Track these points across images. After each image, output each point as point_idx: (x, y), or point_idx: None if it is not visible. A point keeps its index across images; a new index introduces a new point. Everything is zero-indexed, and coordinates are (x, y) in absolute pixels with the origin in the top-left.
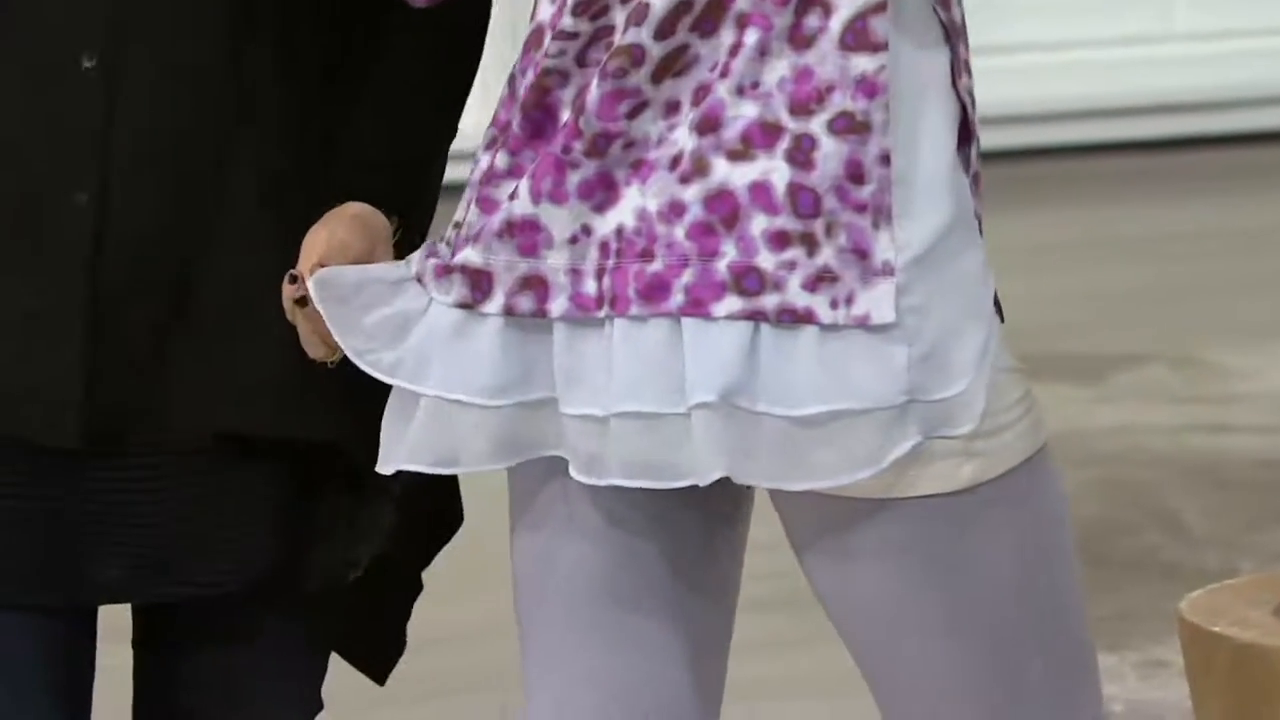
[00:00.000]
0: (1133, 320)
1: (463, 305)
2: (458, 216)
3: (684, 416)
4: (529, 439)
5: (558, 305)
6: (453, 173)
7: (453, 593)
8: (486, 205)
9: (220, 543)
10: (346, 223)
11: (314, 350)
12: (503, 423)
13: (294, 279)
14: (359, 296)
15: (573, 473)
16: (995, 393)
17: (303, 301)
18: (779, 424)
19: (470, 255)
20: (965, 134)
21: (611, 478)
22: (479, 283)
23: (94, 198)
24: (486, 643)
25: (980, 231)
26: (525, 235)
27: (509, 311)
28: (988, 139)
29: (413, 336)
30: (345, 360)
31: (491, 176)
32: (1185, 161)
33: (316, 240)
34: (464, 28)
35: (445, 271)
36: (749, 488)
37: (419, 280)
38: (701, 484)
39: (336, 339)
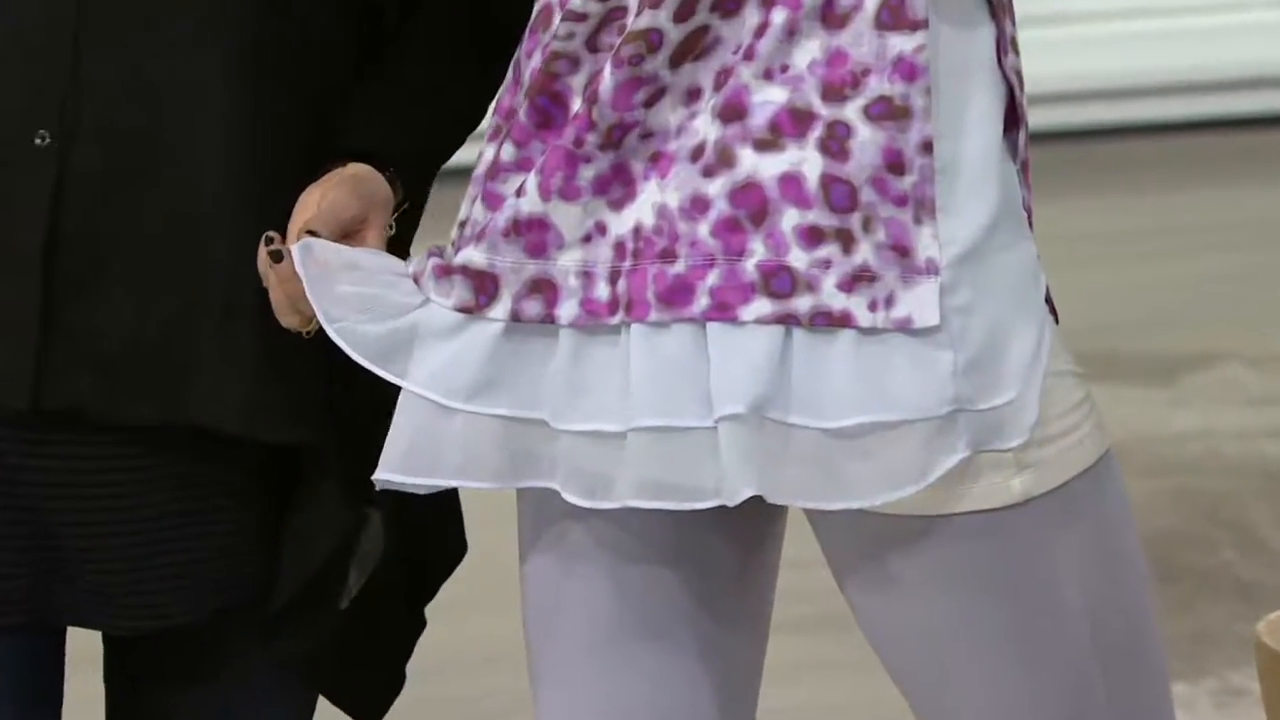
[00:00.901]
0: (1206, 315)
1: (464, 309)
2: (462, 215)
3: (710, 430)
4: (516, 463)
5: (566, 310)
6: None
7: (455, 616)
8: (492, 201)
9: (192, 565)
10: (343, 183)
11: (286, 317)
12: (485, 435)
13: (270, 239)
14: (346, 273)
15: (570, 498)
16: (1049, 399)
17: (277, 256)
18: (813, 437)
19: (473, 255)
20: (1012, 118)
21: (622, 499)
22: (483, 285)
23: (55, 140)
24: (492, 670)
25: (1030, 225)
26: (533, 234)
27: (516, 317)
28: (1041, 117)
29: (399, 321)
30: (326, 354)
31: (497, 170)
32: (1262, 141)
33: (308, 201)
34: (504, 9)
35: (445, 272)
36: (782, 507)
37: (415, 280)
38: (730, 504)
39: (310, 299)
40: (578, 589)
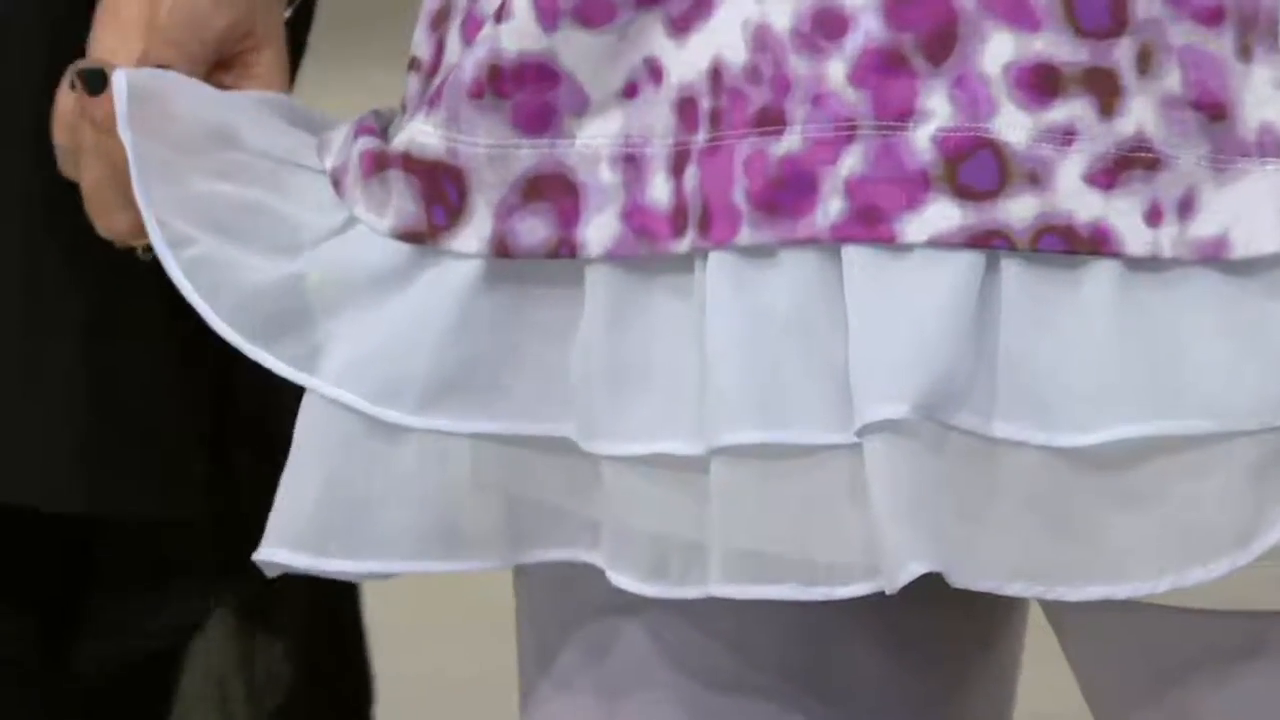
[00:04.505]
0: None
1: (409, 235)
2: (416, 47)
3: (850, 450)
4: (521, 522)
5: (599, 231)
6: None
7: None
8: (471, 28)
9: None
10: None
11: (107, 218)
12: (458, 473)
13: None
14: (210, 149)
15: (621, 580)
16: None
17: (95, 81)
18: (1039, 463)
19: (423, 132)
20: None
21: (709, 584)
22: (437, 190)
23: None
24: None
25: None
26: (529, 93)
27: (502, 248)
28: None
29: (299, 261)
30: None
31: None
32: None
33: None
34: None
35: (378, 165)
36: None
37: (335, 183)
38: (888, 590)
39: (135, 190)
40: None
